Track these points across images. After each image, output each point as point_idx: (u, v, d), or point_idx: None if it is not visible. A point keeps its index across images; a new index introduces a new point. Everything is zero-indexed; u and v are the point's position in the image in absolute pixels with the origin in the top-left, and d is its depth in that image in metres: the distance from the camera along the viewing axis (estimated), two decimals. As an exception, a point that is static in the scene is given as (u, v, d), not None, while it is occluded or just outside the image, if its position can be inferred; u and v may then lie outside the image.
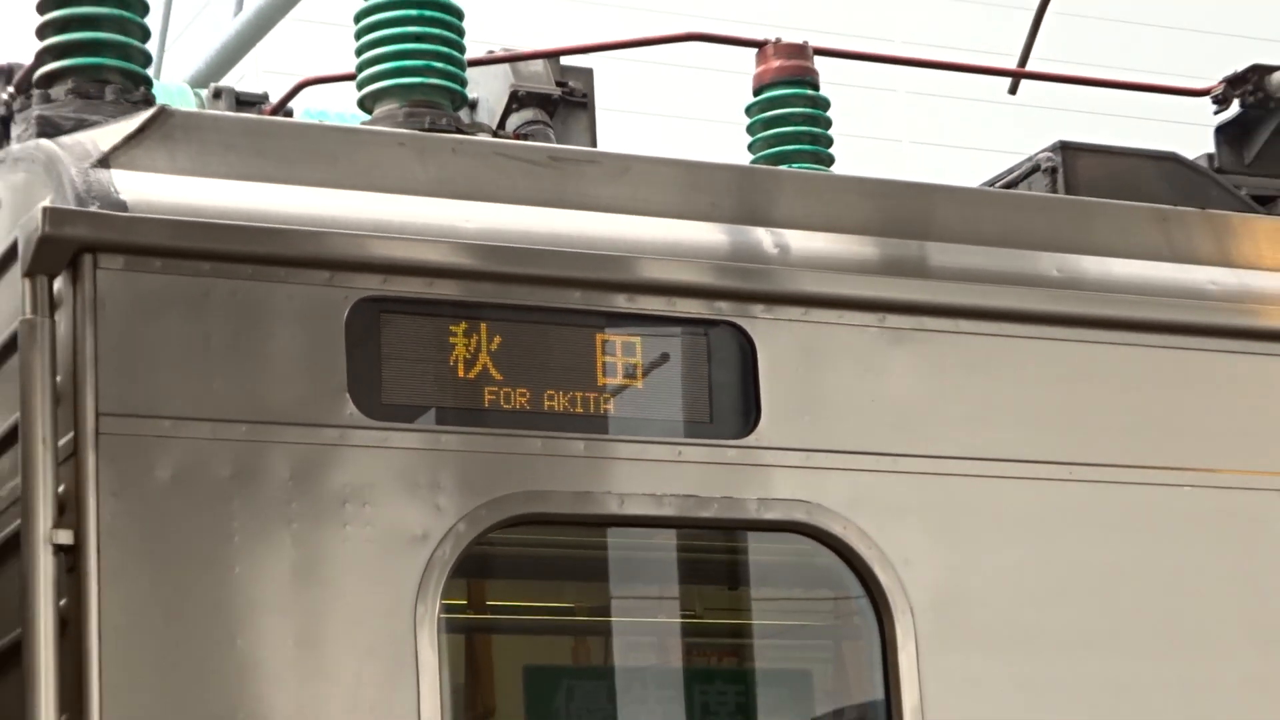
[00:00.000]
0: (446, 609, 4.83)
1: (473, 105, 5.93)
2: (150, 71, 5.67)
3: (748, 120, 6.64)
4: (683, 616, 5.61)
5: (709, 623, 5.60)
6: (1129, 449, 5.53)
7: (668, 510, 5.11)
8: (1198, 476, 5.56)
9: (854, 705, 5.38)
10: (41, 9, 5.54)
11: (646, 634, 5.59)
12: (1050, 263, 5.61)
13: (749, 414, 5.18)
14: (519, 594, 5.29)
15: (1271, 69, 7.28)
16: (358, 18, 5.90)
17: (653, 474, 5.09)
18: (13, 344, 4.78)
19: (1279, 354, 5.78)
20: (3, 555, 4.87)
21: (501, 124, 6.21)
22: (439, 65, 5.81)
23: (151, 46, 5.86)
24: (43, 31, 5.55)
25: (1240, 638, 5.57)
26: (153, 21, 5.83)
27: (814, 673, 5.48)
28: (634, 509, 5.10)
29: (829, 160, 6.57)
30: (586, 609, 5.49)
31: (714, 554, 5.46)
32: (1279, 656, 5.60)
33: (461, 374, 4.96)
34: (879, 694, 5.18)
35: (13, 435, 4.75)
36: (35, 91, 5.53)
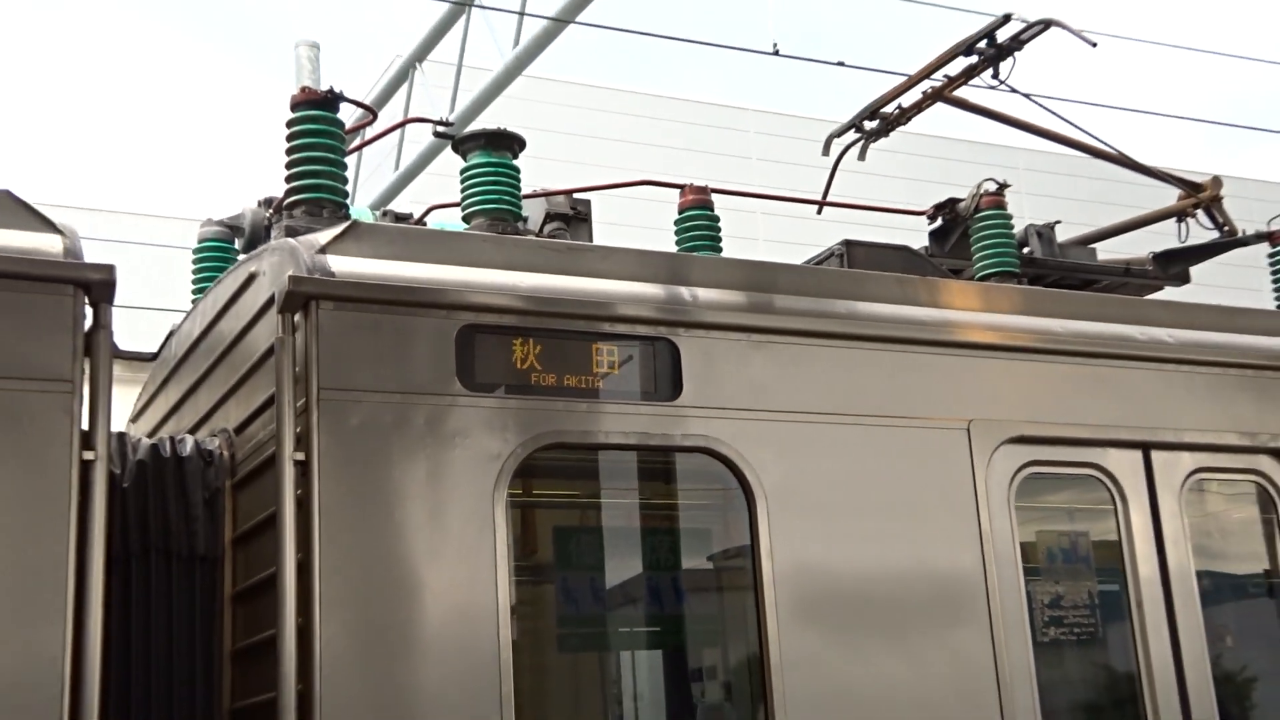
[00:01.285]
0: (510, 495, 4.82)
1: (525, 220, 5.94)
2: (348, 201, 5.68)
3: (675, 228, 6.66)
4: (640, 499, 5.60)
5: (654, 503, 5.59)
6: (877, 405, 5.53)
7: (632, 440, 5.12)
8: (911, 420, 5.58)
9: (735, 546, 5.35)
10: (288, 167, 5.55)
11: (620, 510, 5.61)
12: (840, 305, 5.63)
13: (676, 388, 5.17)
14: (549, 487, 5.29)
15: (958, 200, 7.28)
16: (462, 171, 5.90)
17: (623, 421, 5.09)
18: (270, 351, 4.80)
19: (960, 355, 5.77)
20: (265, 466, 4.87)
21: (540, 230, 6.21)
22: (507, 198, 5.81)
23: (348, 187, 5.86)
24: (289, 179, 5.55)
25: (926, 507, 5.56)
26: (349, 172, 5.84)
27: (713, 529, 5.49)
28: (613, 440, 5.10)
29: (719, 250, 6.57)
30: (586, 495, 5.47)
31: (656, 465, 5.45)
32: (947, 517, 5.59)
33: (519, 366, 4.95)
34: (747, 540, 5.19)
35: (270, 400, 4.75)
36: (284, 211, 5.54)
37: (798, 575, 5.19)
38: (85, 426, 4.27)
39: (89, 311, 4.37)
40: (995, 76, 7.50)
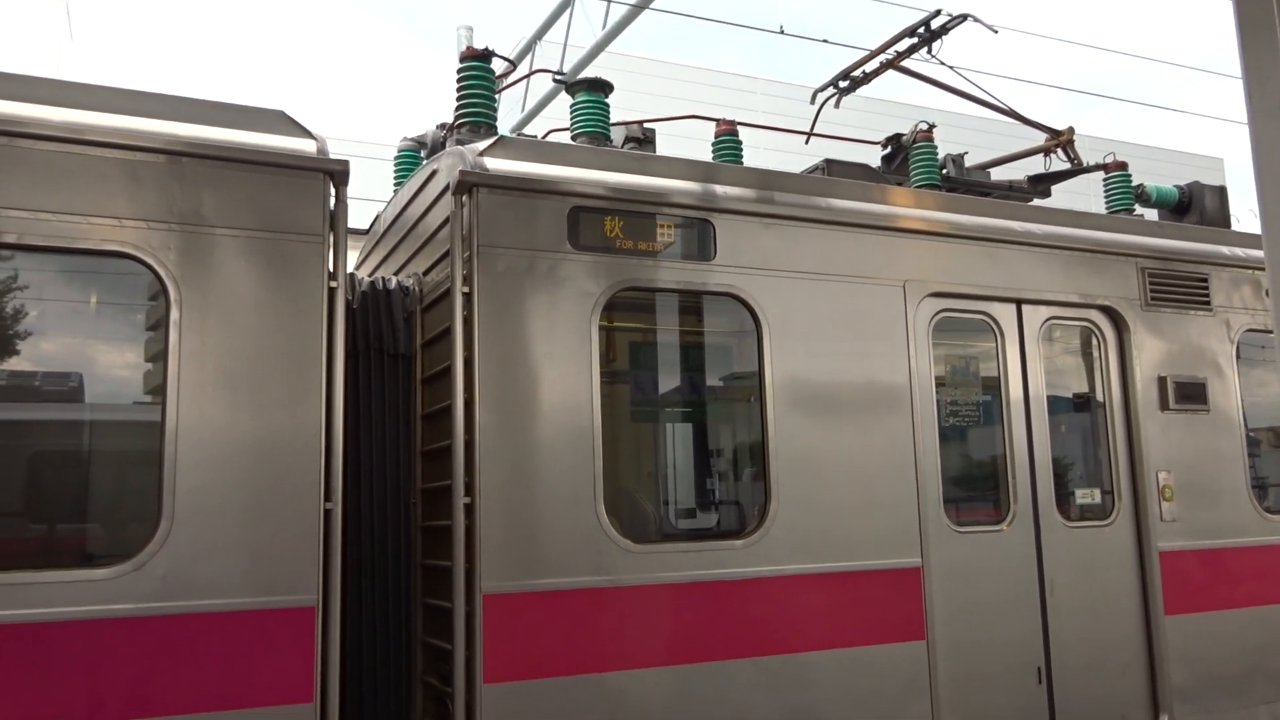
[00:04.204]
0: (601, 323, 4.82)
1: (610, 139, 5.83)
2: (496, 124, 5.61)
3: (712, 148, 6.54)
4: (683, 327, 5.52)
5: (693, 330, 5.52)
6: (844, 268, 5.45)
7: (680, 286, 5.07)
8: (866, 279, 5.51)
9: (747, 358, 5.29)
10: (458, 98, 5.47)
11: (670, 333, 5.54)
12: (821, 201, 5.53)
13: (712, 252, 5.12)
14: (624, 318, 5.20)
15: (902, 135, 7.13)
16: (571, 106, 5.80)
17: (675, 273, 5.04)
18: (446, 221, 4.78)
19: (899, 236, 5.67)
20: (443, 297, 4.88)
21: (622, 146, 6.10)
22: (601, 123, 5.72)
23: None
24: (458, 107, 5.47)
25: (873, 338, 5.52)
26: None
27: (732, 346, 5.46)
28: (668, 286, 5.05)
29: (741, 163, 6.45)
30: (645, 322, 5.40)
31: (695, 303, 5.34)
32: (886, 344, 5.55)
33: (608, 234, 4.87)
34: (755, 354, 5.19)
35: (446, 254, 4.75)
36: (455, 130, 5.47)
37: (788, 379, 5.20)
38: (331, 267, 4.31)
39: (333, 191, 4.37)
40: (929, 52, 7.29)
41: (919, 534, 5.38)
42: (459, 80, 5.45)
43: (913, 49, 7.30)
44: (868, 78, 7.43)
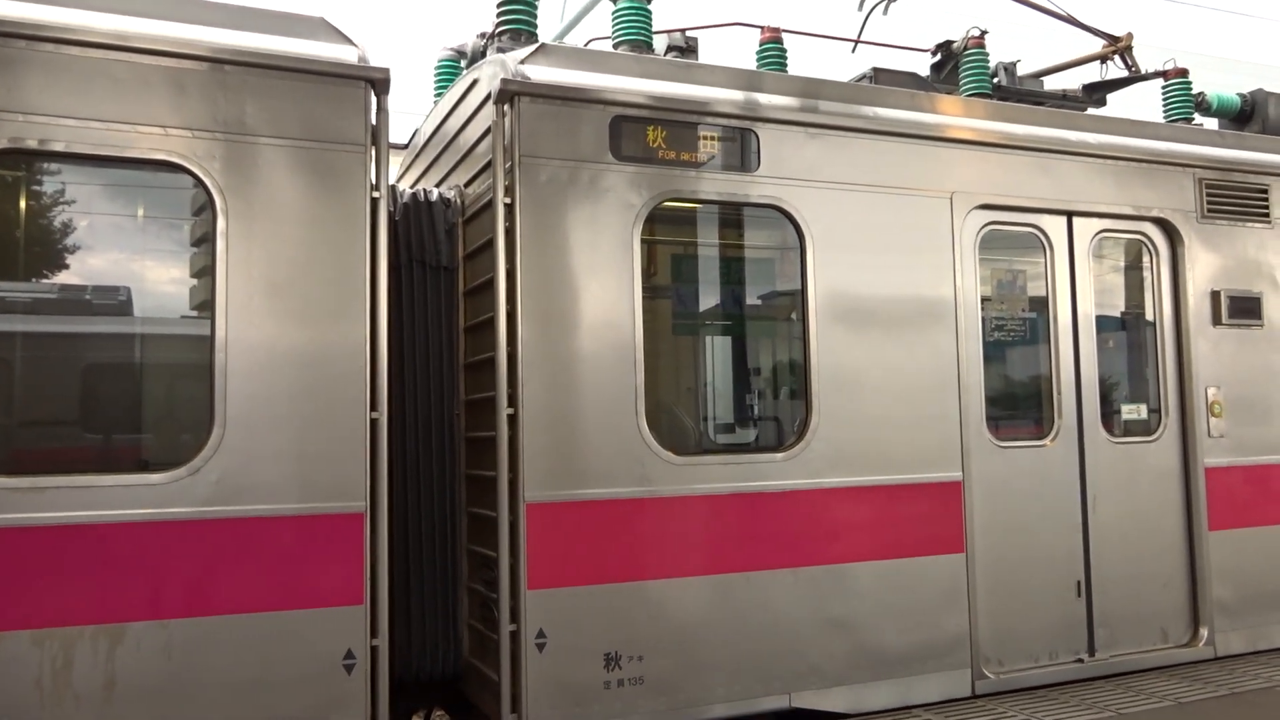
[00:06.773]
0: (643, 235, 4.79)
1: (652, 47, 5.72)
2: (536, 32, 5.52)
3: (756, 56, 6.42)
4: (722, 241, 5.50)
5: (735, 242, 5.49)
6: (890, 179, 5.39)
7: (723, 198, 5.03)
8: (913, 190, 5.44)
9: (789, 272, 5.25)
10: (499, 6, 5.40)
11: (708, 248, 5.51)
12: (868, 110, 5.42)
13: (756, 163, 5.07)
14: (666, 231, 5.18)
15: (953, 42, 6.94)
16: (613, 14, 5.69)
17: (718, 184, 4.99)
18: (487, 132, 4.76)
19: (948, 146, 5.59)
20: (484, 208, 4.88)
21: (664, 55, 5.99)
22: (644, 34, 5.60)
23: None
24: (499, 15, 5.41)
25: (919, 250, 5.47)
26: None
27: (774, 260, 5.41)
28: (711, 196, 5.01)
29: (786, 71, 6.33)
30: (687, 234, 5.38)
31: (739, 215, 5.29)
32: (933, 257, 5.50)
33: (651, 144, 4.83)
34: (798, 267, 5.17)
35: (487, 165, 4.74)
36: (495, 38, 5.41)
37: (832, 292, 5.17)
38: (373, 177, 4.32)
39: (374, 100, 4.35)
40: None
41: (960, 448, 5.40)
42: (500, -15, 5.38)
43: (966, -50, 7.09)
44: (918, -19, 7.23)
